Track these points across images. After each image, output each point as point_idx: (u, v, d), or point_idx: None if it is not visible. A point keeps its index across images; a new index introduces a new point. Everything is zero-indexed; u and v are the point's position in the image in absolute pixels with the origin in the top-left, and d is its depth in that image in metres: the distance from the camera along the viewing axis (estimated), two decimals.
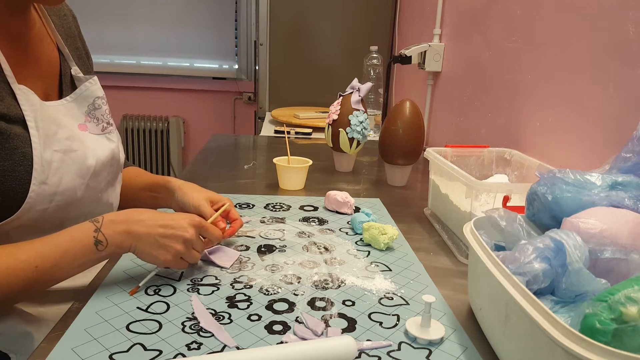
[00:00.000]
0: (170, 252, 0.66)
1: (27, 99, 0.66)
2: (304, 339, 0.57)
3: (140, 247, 0.65)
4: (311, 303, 0.66)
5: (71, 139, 0.71)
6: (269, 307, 0.64)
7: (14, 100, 0.65)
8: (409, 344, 0.58)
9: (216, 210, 0.81)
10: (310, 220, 0.96)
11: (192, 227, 0.68)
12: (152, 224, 0.65)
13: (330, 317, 0.63)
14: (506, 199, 0.80)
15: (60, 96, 0.77)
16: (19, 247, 0.60)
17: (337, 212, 1.01)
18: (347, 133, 1.24)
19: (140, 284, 0.67)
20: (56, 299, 0.75)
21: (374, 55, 2.00)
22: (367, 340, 0.58)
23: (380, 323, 0.62)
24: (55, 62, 0.78)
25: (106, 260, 0.75)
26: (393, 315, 0.64)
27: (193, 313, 0.62)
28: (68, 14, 0.85)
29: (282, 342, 0.57)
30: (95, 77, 0.80)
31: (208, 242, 0.74)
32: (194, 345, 0.56)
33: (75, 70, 0.79)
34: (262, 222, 0.94)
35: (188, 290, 0.68)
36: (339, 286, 0.71)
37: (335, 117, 1.25)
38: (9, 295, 0.58)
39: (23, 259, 0.58)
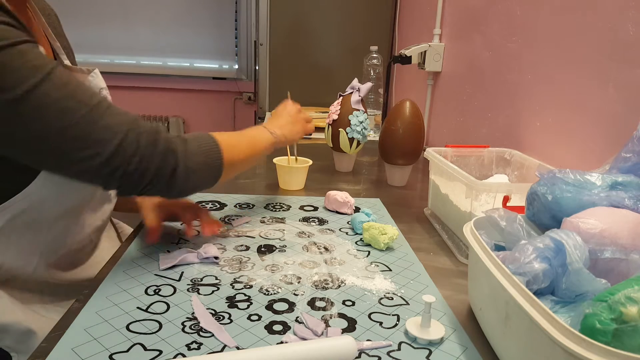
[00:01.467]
0: (299, 124, 1.00)
1: None
2: (304, 339, 0.57)
3: (287, 133, 0.95)
4: (311, 303, 0.66)
5: None
6: (269, 307, 0.64)
7: None
8: (409, 344, 0.58)
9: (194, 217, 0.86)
10: (310, 220, 0.96)
11: (293, 108, 1.02)
12: (284, 120, 0.98)
13: (330, 317, 0.63)
14: (506, 199, 0.80)
15: None
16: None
17: (337, 212, 1.01)
18: (347, 133, 1.24)
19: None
20: (59, 296, 0.76)
21: (374, 55, 2.00)
22: (367, 340, 0.58)
23: (380, 323, 0.62)
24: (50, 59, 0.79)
25: (106, 260, 0.75)
26: (393, 315, 0.64)
27: (193, 313, 0.62)
28: (52, 13, 0.87)
29: (282, 342, 0.57)
30: (97, 70, 0.82)
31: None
32: (194, 345, 0.56)
33: (67, 63, 0.81)
34: (262, 222, 0.94)
35: (188, 290, 0.68)
36: (339, 286, 0.71)
37: (335, 117, 1.25)
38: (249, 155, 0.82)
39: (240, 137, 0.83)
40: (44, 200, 0.67)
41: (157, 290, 0.67)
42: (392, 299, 0.68)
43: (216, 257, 0.76)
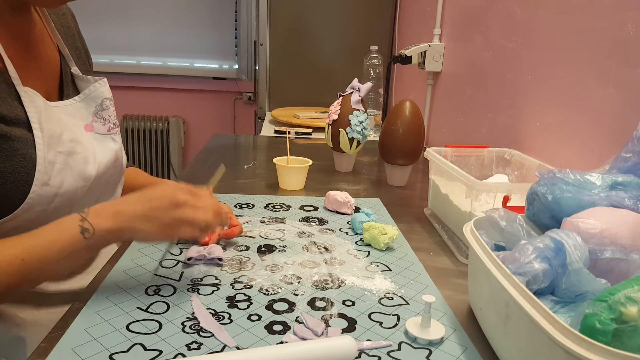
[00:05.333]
0: (166, 221, 0.61)
1: (32, 101, 0.66)
2: (304, 339, 0.57)
3: (133, 226, 0.60)
4: (311, 303, 0.66)
5: (75, 141, 0.71)
6: (269, 307, 0.64)
7: (18, 102, 0.65)
8: (409, 344, 0.58)
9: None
10: (310, 220, 0.96)
11: (179, 191, 0.63)
12: (137, 200, 0.62)
13: (330, 317, 0.63)
14: (506, 199, 0.80)
15: (61, 96, 0.77)
16: (3, 242, 0.58)
17: (337, 212, 1.01)
18: (347, 133, 1.24)
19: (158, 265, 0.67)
20: (51, 303, 0.75)
21: (374, 55, 2.00)
22: (367, 340, 0.58)
23: (380, 323, 0.62)
24: (55, 62, 0.78)
25: (105, 262, 0.75)
26: (393, 315, 0.64)
27: (193, 313, 0.62)
28: (67, 12, 0.85)
29: (282, 342, 0.57)
30: (105, 79, 0.81)
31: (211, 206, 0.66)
32: (194, 345, 0.56)
33: (75, 70, 0.79)
34: (262, 222, 0.94)
35: (188, 290, 0.68)
36: (339, 286, 0.71)
37: (335, 117, 1.25)
38: None
39: (8, 252, 0.57)
40: (33, 219, 0.66)
41: (157, 290, 0.67)
42: (392, 299, 0.68)
43: (220, 259, 0.76)
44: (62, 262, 0.59)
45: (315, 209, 1.03)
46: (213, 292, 0.67)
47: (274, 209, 1.01)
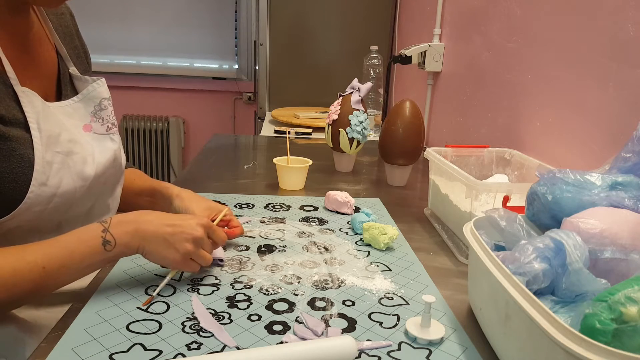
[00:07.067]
0: (180, 251, 0.65)
1: (30, 101, 0.66)
2: (304, 339, 0.57)
3: (149, 247, 0.64)
4: (311, 303, 0.66)
5: (73, 141, 0.71)
6: (269, 307, 0.64)
7: (15, 102, 0.65)
8: (409, 344, 0.58)
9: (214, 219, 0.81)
10: (310, 220, 0.96)
11: (200, 227, 0.67)
12: (160, 223, 0.65)
13: (330, 317, 0.63)
14: (506, 199, 0.80)
15: (59, 97, 0.77)
16: (25, 249, 0.59)
17: (337, 212, 1.01)
18: (347, 133, 1.24)
19: (154, 294, 0.65)
20: (51, 303, 0.75)
21: (374, 55, 2.00)
22: (367, 340, 0.58)
23: (380, 323, 0.62)
24: (53, 63, 0.78)
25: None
26: (393, 315, 0.64)
27: (193, 313, 0.62)
28: (66, 12, 0.85)
29: (282, 342, 0.57)
30: (103, 79, 0.80)
31: (214, 244, 0.72)
32: (194, 345, 0.56)
33: (74, 70, 0.79)
34: (262, 222, 0.94)
35: (188, 290, 0.68)
36: (339, 286, 0.71)
37: (335, 117, 1.25)
38: (16, 297, 0.58)
39: (30, 260, 0.58)
40: (32, 219, 0.66)
41: None
42: (392, 299, 0.68)
43: (221, 260, 0.76)
44: (81, 271, 0.62)
45: (315, 209, 1.03)
46: (213, 292, 0.67)
47: (274, 209, 1.01)
